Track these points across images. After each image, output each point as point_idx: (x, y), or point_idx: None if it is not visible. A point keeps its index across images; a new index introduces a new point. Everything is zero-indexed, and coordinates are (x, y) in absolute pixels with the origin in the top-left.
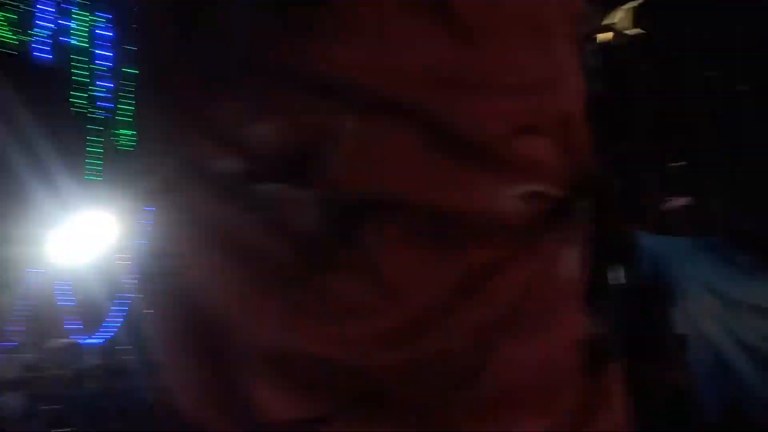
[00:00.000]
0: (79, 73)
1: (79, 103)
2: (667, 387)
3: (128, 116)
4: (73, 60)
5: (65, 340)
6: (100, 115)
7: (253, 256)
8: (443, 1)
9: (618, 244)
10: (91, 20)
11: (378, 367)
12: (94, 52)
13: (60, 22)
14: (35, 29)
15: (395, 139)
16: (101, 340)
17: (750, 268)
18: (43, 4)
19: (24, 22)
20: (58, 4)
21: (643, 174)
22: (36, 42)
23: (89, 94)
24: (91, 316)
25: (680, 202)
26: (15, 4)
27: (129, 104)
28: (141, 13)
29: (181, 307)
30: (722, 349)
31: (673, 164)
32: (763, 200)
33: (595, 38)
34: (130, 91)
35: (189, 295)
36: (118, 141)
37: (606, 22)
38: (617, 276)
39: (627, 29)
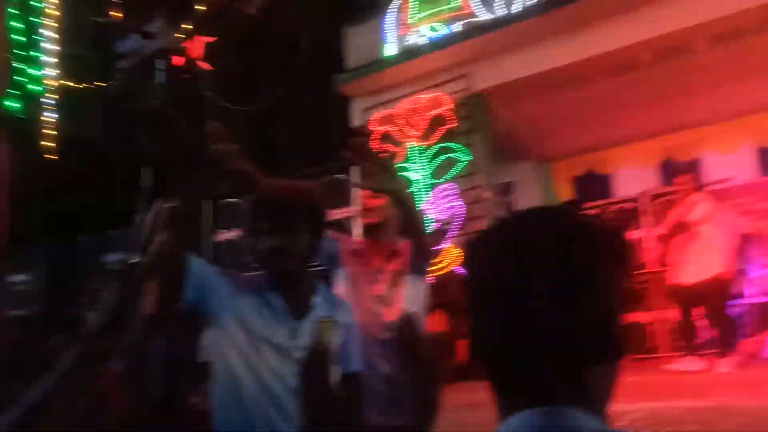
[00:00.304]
0: None
1: None
2: (190, 409)
3: None
4: None
5: None
6: None
7: None
8: None
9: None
10: None
11: None
12: None
13: None
14: None
15: None
16: None
17: (280, 312)
18: None
19: None
20: None
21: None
22: None
23: None
24: None
25: (228, 234)
26: None
27: None
28: None
29: None
30: (240, 380)
31: (235, 199)
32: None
33: (170, 58)
34: None
35: None
36: None
37: (180, 47)
38: (147, 308)
39: (200, 59)
